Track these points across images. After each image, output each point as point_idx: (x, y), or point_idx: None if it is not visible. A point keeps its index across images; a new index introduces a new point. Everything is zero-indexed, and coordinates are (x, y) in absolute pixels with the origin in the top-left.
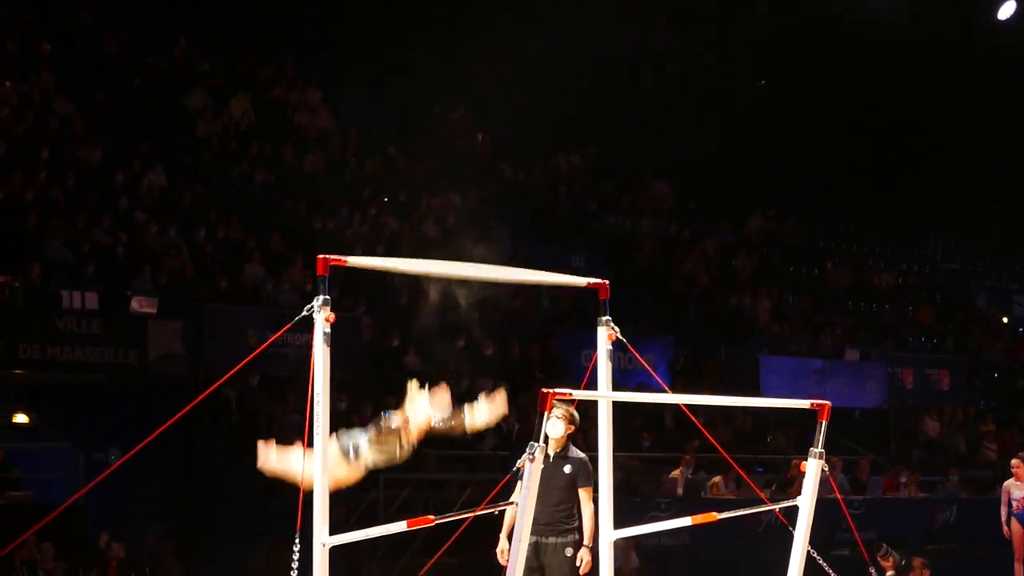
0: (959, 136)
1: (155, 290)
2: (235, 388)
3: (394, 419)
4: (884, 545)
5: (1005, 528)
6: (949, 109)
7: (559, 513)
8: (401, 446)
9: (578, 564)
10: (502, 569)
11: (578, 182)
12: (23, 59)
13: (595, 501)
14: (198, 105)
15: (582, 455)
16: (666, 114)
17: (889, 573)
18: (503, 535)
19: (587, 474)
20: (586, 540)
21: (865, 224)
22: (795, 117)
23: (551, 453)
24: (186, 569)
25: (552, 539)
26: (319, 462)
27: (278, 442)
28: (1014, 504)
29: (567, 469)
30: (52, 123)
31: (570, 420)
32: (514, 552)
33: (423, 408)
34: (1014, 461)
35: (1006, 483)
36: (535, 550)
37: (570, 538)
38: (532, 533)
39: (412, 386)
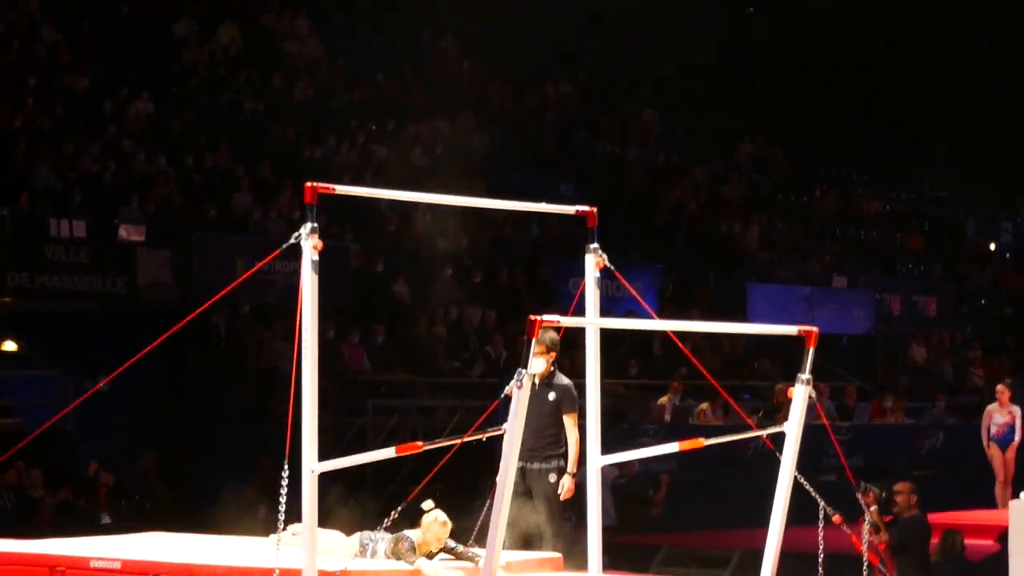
0: (948, 63)
1: (143, 218)
2: (224, 315)
3: (412, 541)
4: (861, 482)
5: (988, 451)
6: (938, 35)
7: (544, 439)
8: (411, 562)
9: (560, 491)
10: (491, 492)
11: (567, 110)
12: None
13: (581, 427)
14: (185, 33)
15: (567, 381)
16: (655, 42)
17: (872, 507)
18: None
19: (571, 400)
20: (569, 467)
21: (854, 151)
22: (784, 44)
23: (536, 381)
24: (174, 495)
25: (537, 464)
26: (307, 388)
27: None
28: (994, 429)
29: (551, 396)
30: (39, 51)
31: (549, 349)
32: (501, 476)
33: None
34: (999, 387)
35: (988, 407)
36: (522, 475)
37: (554, 464)
38: (520, 458)
39: (428, 516)
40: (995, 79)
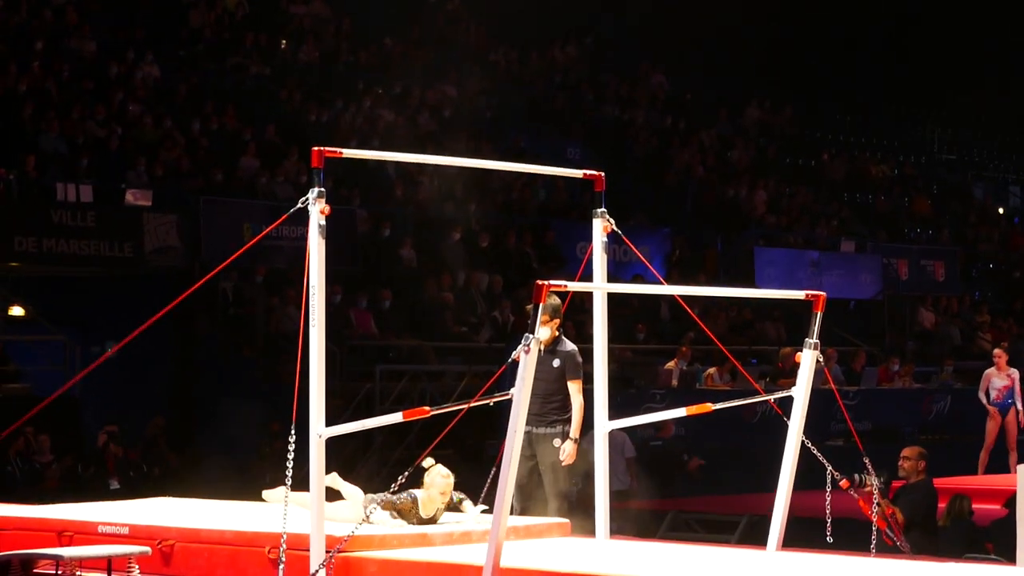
0: (957, 26)
1: (150, 182)
2: (231, 280)
3: (413, 496)
4: (856, 475)
5: (989, 410)
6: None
7: (549, 404)
8: (411, 522)
9: (561, 457)
10: (498, 457)
11: (574, 73)
12: None
13: (588, 392)
14: None
15: (571, 347)
16: (662, 3)
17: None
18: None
19: (575, 366)
20: (572, 432)
21: (862, 114)
22: (791, 4)
23: (541, 348)
24: (182, 461)
25: (542, 429)
26: (315, 353)
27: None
28: (993, 393)
29: (556, 362)
30: (46, 15)
31: (552, 316)
32: (509, 441)
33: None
34: (996, 351)
35: (987, 371)
36: (528, 440)
37: (558, 429)
38: (527, 423)
39: (430, 472)
40: (1005, 43)
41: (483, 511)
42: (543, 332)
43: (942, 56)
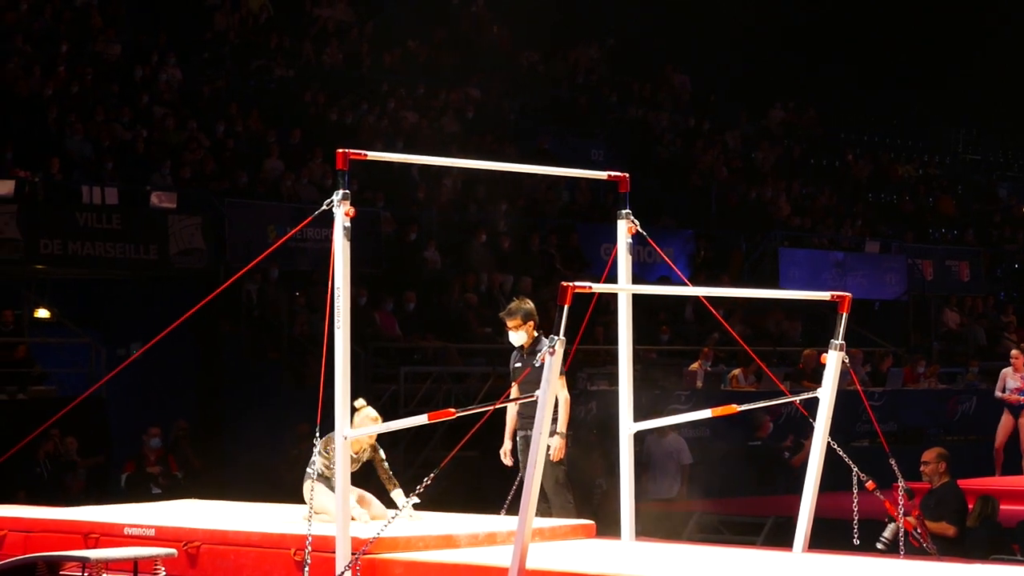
0: (982, 27)
1: (175, 185)
2: (256, 283)
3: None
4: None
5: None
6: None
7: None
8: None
9: (551, 453)
10: (520, 462)
11: (598, 74)
12: None
13: (613, 394)
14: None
15: None
16: (685, 4)
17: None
18: (507, 436)
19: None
20: (560, 427)
21: (886, 115)
22: (816, 7)
23: (523, 353)
24: (207, 463)
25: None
26: (340, 355)
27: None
28: (1007, 393)
29: (537, 363)
30: (70, 18)
31: (525, 320)
32: (534, 443)
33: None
34: (1014, 351)
35: (1004, 371)
36: (525, 443)
37: (552, 429)
38: (522, 428)
39: (360, 413)
40: None
41: (413, 505)
42: (518, 337)
43: (967, 57)
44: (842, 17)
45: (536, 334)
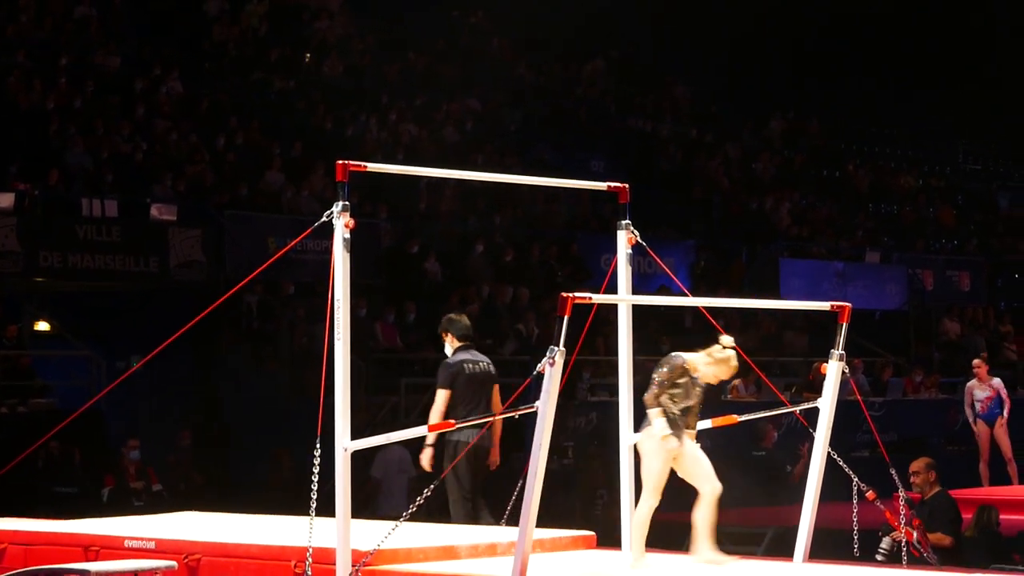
0: (982, 38)
1: (175, 197)
2: (256, 294)
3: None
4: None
5: (974, 427)
6: (973, 8)
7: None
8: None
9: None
10: (523, 472)
11: (598, 85)
12: None
13: (614, 405)
14: (216, 10)
15: (446, 360)
16: (687, 15)
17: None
18: (428, 441)
19: (439, 374)
20: (430, 439)
21: (887, 126)
22: (816, 18)
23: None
24: (207, 475)
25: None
26: (340, 367)
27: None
28: (978, 406)
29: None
30: (71, 30)
31: (446, 330)
32: (534, 454)
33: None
34: (976, 361)
35: (969, 384)
36: (453, 449)
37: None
38: (450, 433)
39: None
40: None
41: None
42: (447, 349)
43: (967, 66)
44: (843, 28)
45: (454, 343)
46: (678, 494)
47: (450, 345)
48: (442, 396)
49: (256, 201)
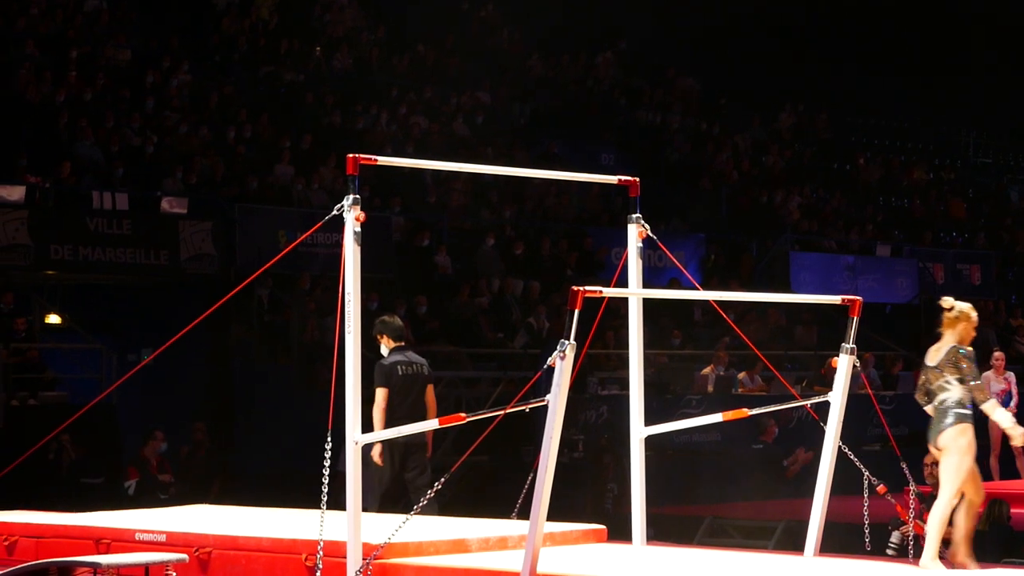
0: (994, 30)
1: (186, 190)
2: (266, 287)
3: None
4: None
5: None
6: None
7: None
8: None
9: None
10: (534, 465)
11: (608, 78)
12: None
13: (622, 399)
14: (225, 3)
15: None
16: (695, 8)
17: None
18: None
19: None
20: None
21: (897, 119)
22: (826, 10)
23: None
24: (218, 467)
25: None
26: (351, 360)
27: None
28: (994, 395)
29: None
30: (81, 23)
31: (381, 331)
32: (545, 447)
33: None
34: (996, 353)
35: (985, 374)
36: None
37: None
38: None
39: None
40: None
41: None
42: (383, 350)
43: (979, 60)
44: (852, 21)
45: (389, 344)
46: (678, 489)
47: (385, 346)
48: (381, 394)
49: (266, 194)
